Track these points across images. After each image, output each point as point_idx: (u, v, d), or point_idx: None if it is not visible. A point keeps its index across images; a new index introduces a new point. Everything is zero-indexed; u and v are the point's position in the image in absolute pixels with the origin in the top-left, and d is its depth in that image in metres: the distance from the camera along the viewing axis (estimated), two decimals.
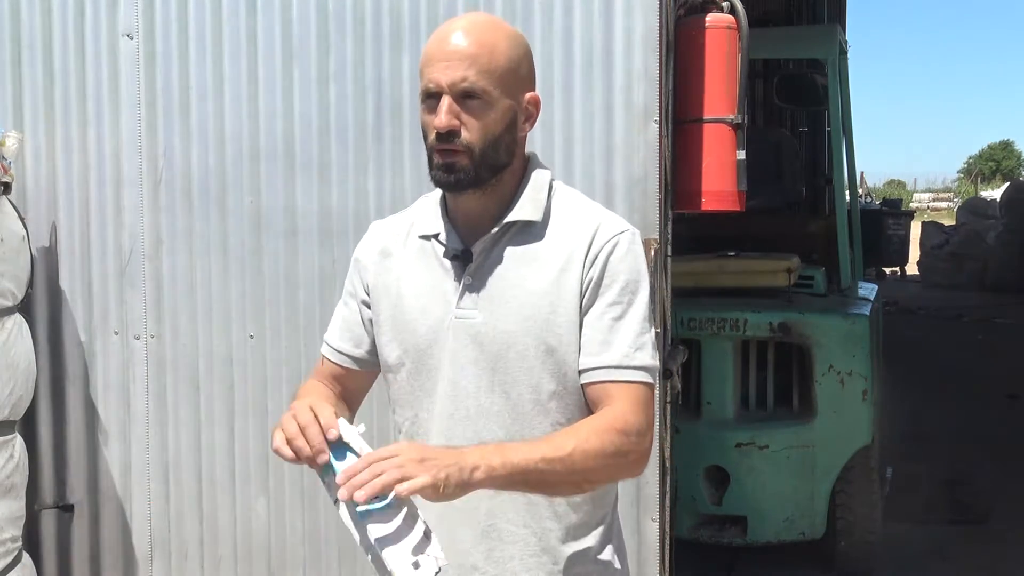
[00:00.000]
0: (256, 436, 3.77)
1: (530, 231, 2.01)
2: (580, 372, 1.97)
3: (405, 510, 1.73)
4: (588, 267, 1.96)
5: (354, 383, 2.18)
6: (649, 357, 1.97)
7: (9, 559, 3.48)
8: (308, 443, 1.81)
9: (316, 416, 1.82)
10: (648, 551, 3.51)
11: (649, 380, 1.97)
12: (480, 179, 1.95)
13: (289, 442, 1.82)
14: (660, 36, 3.43)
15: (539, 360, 1.96)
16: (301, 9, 3.65)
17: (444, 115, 1.90)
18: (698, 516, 5.23)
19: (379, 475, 1.69)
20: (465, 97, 1.91)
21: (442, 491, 1.71)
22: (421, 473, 1.69)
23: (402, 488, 1.68)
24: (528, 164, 2.07)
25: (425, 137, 1.96)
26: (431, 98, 1.93)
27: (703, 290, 5.31)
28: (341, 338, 2.17)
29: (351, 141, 3.65)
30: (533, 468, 1.80)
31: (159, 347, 3.82)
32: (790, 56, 7.06)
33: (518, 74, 1.97)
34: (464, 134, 1.91)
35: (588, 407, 1.98)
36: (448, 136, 1.91)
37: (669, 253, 3.53)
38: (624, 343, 1.95)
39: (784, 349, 5.28)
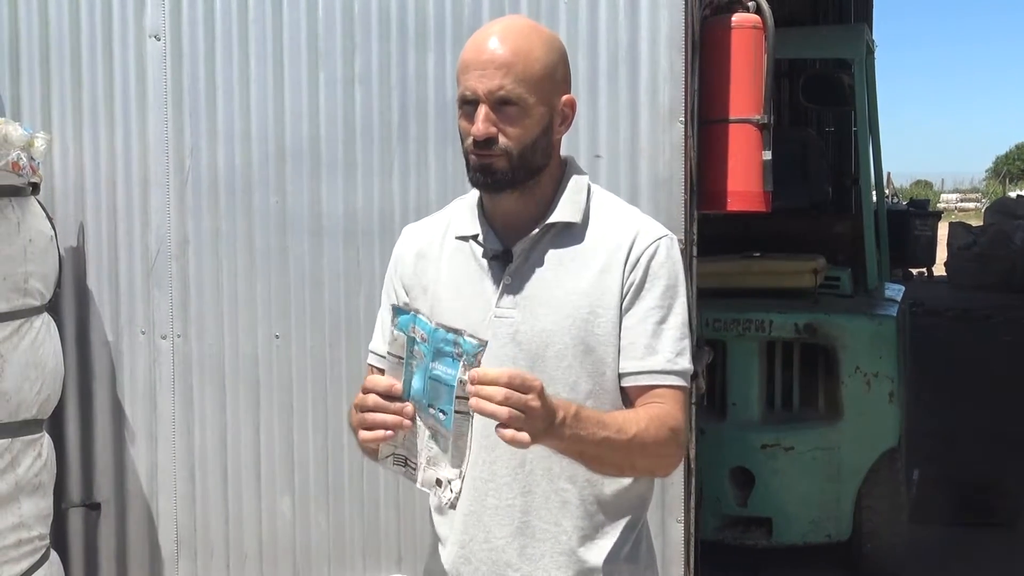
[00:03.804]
0: (281, 435, 3.79)
1: (570, 233, 2.05)
2: (623, 375, 2.01)
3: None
4: (629, 271, 2.00)
5: None
6: (687, 362, 2.02)
7: (37, 557, 3.51)
8: (384, 411, 1.80)
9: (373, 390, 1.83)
10: (672, 552, 3.50)
11: (687, 385, 2.03)
12: (517, 180, 1.99)
13: (367, 422, 1.81)
14: (686, 36, 3.43)
15: (577, 360, 1.99)
16: (327, 10, 3.66)
17: (481, 123, 1.94)
18: (723, 517, 5.21)
19: (504, 407, 1.70)
20: (502, 104, 1.94)
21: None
22: (529, 436, 1.72)
23: (507, 436, 1.71)
24: (566, 167, 2.11)
25: (462, 141, 2.00)
26: (468, 104, 1.96)
27: (729, 291, 5.29)
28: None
29: (376, 141, 3.66)
30: (592, 448, 1.86)
31: (185, 347, 3.84)
32: (816, 56, 7.03)
33: (554, 79, 2.00)
34: (501, 140, 1.95)
35: (626, 407, 2.02)
36: (486, 143, 1.95)
37: (694, 254, 3.52)
38: (667, 348, 2.00)
39: (810, 350, 5.26)
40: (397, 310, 1.82)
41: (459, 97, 1.98)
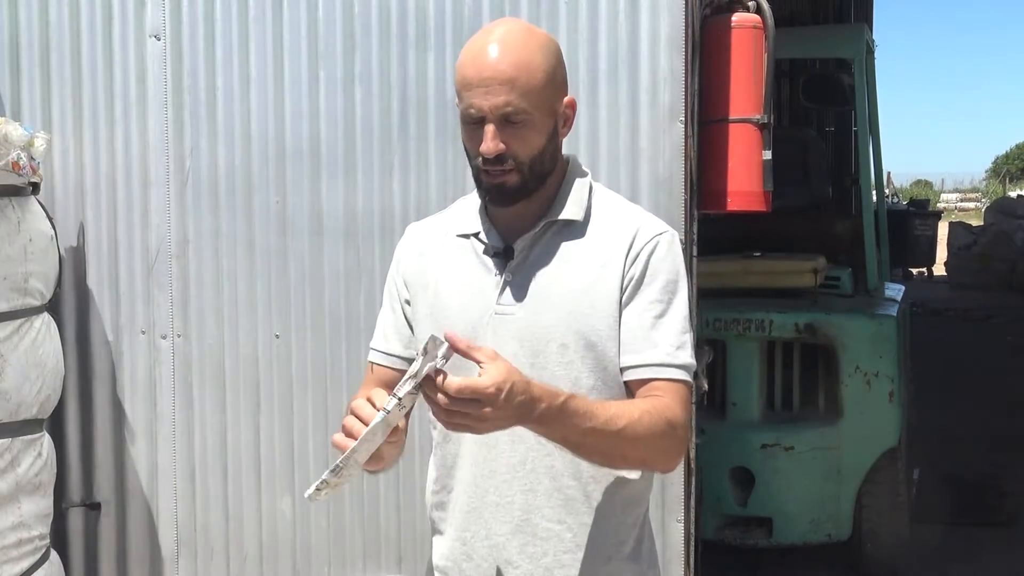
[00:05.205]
0: (282, 435, 3.79)
1: (571, 229, 2.05)
2: (623, 368, 2.01)
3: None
4: (629, 265, 2.00)
5: None
6: (689, 356, 2.02)
7: (37, 556, 3.51)
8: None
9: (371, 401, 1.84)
10: (673, 552, 3.50)
11: (689, 379, 2.02)
12: (529, 190, 2.01)
13: (348, 433, 1.82)
14: (686, 36, 3.42)
15: (579, 355, 2.00)
16: (327, 9, 3.66)
17: (491, 141, 1.94)
18: (723, 517, 5.22)
19: (458, 413, 1.74)
20: (508, 120, 1.93)
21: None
22: (488, 430, 1.78)
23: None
24: (569, 165, 2.11)
25: (469, 157, 2.00)
26: (473, 122, 1.96)
27: (729, 291, 5.30)
28: (390, 341, 2.18)
29: (376, 141, 3.66)
30: (576, 436, 1.87)
31: (185, 346, 3.84)
32: (817, 56, 7.03)
33: (554, 85, 2.00)
34: (511, 155, 1.95)
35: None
36: (497, 160, 1.95)
37: (695, 253, 3.52)
38: (667, 341, 1.99)
39: (810, 350, 5.26)
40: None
41: (462, 114, 1.97)
